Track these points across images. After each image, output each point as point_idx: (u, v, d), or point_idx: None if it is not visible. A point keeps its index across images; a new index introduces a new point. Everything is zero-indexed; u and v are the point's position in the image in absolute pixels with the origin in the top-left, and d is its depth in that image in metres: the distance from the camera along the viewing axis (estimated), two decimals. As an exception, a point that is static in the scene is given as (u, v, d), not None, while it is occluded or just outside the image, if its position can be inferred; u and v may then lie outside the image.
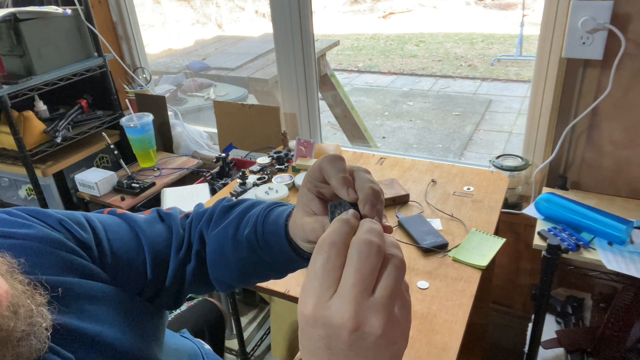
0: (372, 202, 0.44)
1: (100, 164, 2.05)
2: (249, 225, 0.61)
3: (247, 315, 2.01)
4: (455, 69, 5.95)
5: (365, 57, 6.77)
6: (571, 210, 1.23)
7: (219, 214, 0.66)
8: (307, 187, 0.52)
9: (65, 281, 0.52)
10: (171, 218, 0.69)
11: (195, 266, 0.66)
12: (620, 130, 1.32)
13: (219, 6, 7.00)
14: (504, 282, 1.69)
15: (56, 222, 0.57)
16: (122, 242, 0.62)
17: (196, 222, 0.68)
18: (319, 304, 0.35)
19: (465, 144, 4.15)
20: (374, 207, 0.44)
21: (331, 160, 0.48)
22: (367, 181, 0.46)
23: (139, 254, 0.63)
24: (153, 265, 0.63)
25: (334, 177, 0.47)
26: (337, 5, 9.00)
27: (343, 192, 0.46)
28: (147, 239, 0.64)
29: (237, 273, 0.63)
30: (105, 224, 0.63)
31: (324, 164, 0.49)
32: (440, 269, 1.08)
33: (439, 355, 0.87)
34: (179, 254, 0.66)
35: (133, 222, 0.65)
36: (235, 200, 0.69)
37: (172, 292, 0.67)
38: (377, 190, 0.46)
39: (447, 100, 5.05)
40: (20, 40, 1.64)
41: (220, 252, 0.64)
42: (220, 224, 0.65)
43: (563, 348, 1.35)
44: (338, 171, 0.47)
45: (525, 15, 6.51)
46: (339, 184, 0.46)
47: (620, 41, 1.20)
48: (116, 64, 2.05)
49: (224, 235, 0.63)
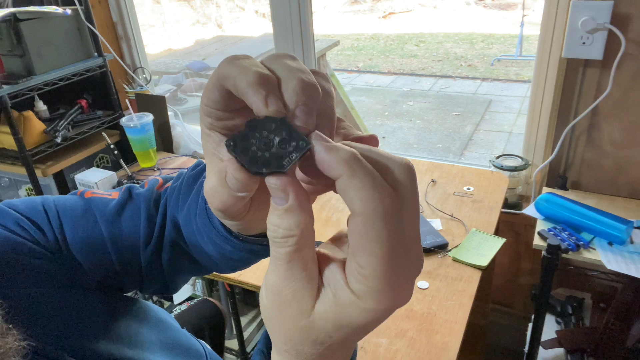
0: (306, 106, 0.27)
1: (100, 164, 2.05)
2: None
3: (247, 315, 2.01)
4: (455, 69, 5.95)
5: (365, 57, 6.77)
6: (571, 210, 1.23)
7: (184, 187, 0.51)
8: (207, 124, 0.32)
9: (24, 293, 0.46)
10: (141, 199, 0.55)
11: (172, 256, 0.54)
12: (620, 130, 1.32)
13: (219, 6, 7.00)
14: (504, 282, 1.69)
15: (14, 223, 0.50)
16: (82, 242, 0.53)
17: (169, 201, 0.53)
18: None
19: (465, 144, 4.15)
20: (310, 113, 0.27)
21: (232, 59, 0.29)
22: (292, 72, 0.28)
23: (103, 254, 0.54)
24: (122, 266, 0.54)
25: (242, 81, 0.27)
26: (337, 5, 9.00)
27: (259, 99, 0.27)
28: (112, 237, 0.53)
29: (223, 265, 0.50)
30: (64, 216, 0.53)
31: (222, 69, 0.29)
32: (440, 269, 1.08)
33: (439, 355, 0.87)
34: (148, 247, 0.54)
35: (99, 212, 0.54)
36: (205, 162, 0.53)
37: (155, 285, 0.58)
38: (311, 83, 0.28)
39: (447, 100, 5.06)
40: (20, 40, 1.64)
41: (193, 241, 0.50)
42: (186, 201, 0.50)
43: (563, 348, 1.35)
44: (245, 70, 0.27)
45: (525, 15, 6.51)
46: (251, 87, 0.27)
47: (620, 41, 1.20)
48: (116, 64, 2.05)
49: (188, 219, 0.49)
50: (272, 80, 0.28)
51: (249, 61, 0.29)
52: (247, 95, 0.27)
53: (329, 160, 0.25)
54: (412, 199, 0.27)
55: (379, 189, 0.25)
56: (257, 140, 0.27)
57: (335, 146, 0.26)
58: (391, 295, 0.26)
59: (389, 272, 0.25)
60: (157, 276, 0.56)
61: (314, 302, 0.28)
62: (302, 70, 0.28)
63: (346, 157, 0.25)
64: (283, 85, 0.28)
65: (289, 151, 0.26)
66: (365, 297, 0.26)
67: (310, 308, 0.28)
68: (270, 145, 0.27)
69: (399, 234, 0.26)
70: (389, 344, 0.90)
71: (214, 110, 0.31)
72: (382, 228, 0.25)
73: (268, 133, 0.27)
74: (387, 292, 0.26)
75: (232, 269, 0.51)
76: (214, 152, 0.32)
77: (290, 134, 0.26)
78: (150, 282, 0.57)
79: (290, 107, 0.27)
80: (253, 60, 0.29)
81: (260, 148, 0.27)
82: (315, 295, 0.28)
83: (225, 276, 1.11)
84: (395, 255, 0.25)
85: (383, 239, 0.25)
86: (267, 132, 0.27)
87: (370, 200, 0.25)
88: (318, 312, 0.28)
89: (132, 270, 0.55)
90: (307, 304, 0.28)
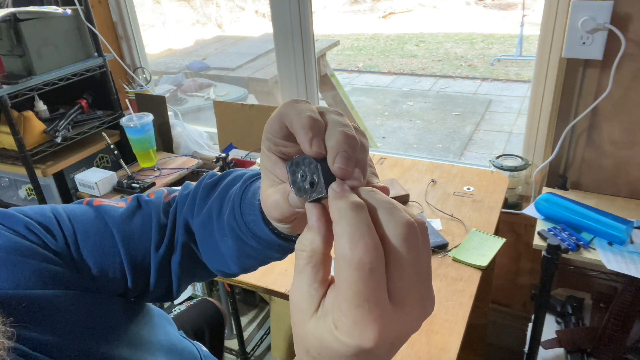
0: (345, 154, 0.31)
1: (100, 164, 2.05)
2: (229, 205, 0.50)
3: (247, 315, 2.01)
4: (455, 69, 5.95)
5: (365, 57, 6.77)
6: (571, 210, 1.23)
7: (201, 194, 0.56)
8: (266, 146, 0.38)
9: (32, 294, 0.48)
10: (151, 206, 0.59)
11: (182, 260, 0.57)
12: (620, 130, 1.32)
13: (219, 6, 7.00)
14: (504, 282, 1.69)
15: (23, 228, 0.51)
16: (94, 245, 0.54)
17: (181, 208, 0.58)
18: None
19: (465, 144, 4.15)
20: (349, 160, 0.31)
21: (294, 102, 0.35)
22: (337, 124, 0.33)
23: (114, 257, 0.55)
24: (131, 269, 0.56)
25: (297, 121, 0.33)
26: (337, 5, 9.00)
27: (305, 141, 0.32)
28: (123, 239, 0.56)
29: (233, 263, 0.54)
30: (75, 222, 0.55)
31: (284, 109, 0.35)
32: (440, 269, 1.08)
33: (439, 355, 0.87)
34: (159, 251, 0.57)
35: (109, 217, 0.57)
36: (219, 174, 0.57)
37: (162, 288, 0.60)
38: (352, 135, 0.32)
39: (447, 100, 5.06)
40: (20, 40, 1.64)
41: (209, 242, 0.54)
42: (204, 207, 0.55)
43: (563, 348, 1.35)
44: (301, 113, 0.33)
45: (525, 15, 6.51)
46: (303, 129, 0.32)
47: (620, 41, 1.20)
48: (116, 64, 2.05)
49: (208, 221, 0.53)
50: (320, 125, 0.33)
51: (306, 106, 0.34)
52: (298, 135, 0.33)
53: (330, 205, 0.31)
54: (408, 255, 0.29)
55: (354, 240, 0.28)
56: (301, 171, 0.34)
57: (339, 195, 0.31)
58: (361, 336, 0.28)
59: (359, 314, 0.28)
60: (165, 280, 0.59)
61: (311, 316, 0.31)
62: (347, 125, 0.33)
63: (338, 206, 0.30)
64: (328, 132, 0.33)
65: (315, 190, 0.33)
66: (339, 328, 0.29)
67: (307, 320, 0.31)
68: (306, 177, 0.34)
69: (376, 284, 0.28)
70: (389, 344, 0.90)
71: (273, 137, 0.37)
72: (350, 275, 0.28)
73: (307, 168, 0.33)
74: (355, 331, 0.28)
75: (243, 268, 0.55)
76: (270, 170, 0.39)
77: (319, 177, 0.32)
78: (156, 286, 0.59)
79: (331, 153, 0.32)
80: (309, 106, 0.35)
81: (302, 177, 0.34)
82: (314, 311, 0.31)
83: (225, 276, 1.11)
84: (369, 303, 0.28)
85: (351, 285, 0.28)
86: (307, 167, 0.33)
87: (343, 247, 0.28)
88: (310, 327, 0.31)
89: (141, 274, 0.57)
90: (305, 316, 0.31)
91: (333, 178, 0.32)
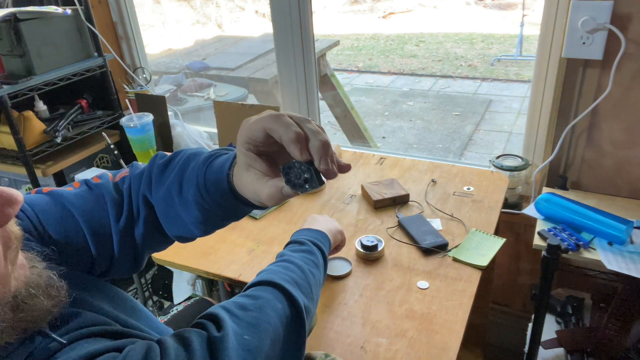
0: (325, 158, 0.46)
1: (100, 164, 2.05)
2: (192, 185, 0.59)
3: (247, 315, 2.00)
4: (455, 69, 5.95)
5: (365, 57, 6.77)
6: (571, 210, 1.23)
7: (156, 173, 0.64)
8: (245, 148, 0.50)
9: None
10: (102, 187, 0.65)
11: (145, 231, 0.64)
12: (620, 130, 1.32)
13: (219, 6, 7.00)
14: (504, 282, 1.69)
15: None
16: (56, 222, 0.59)
17: (136, 185, 0.65)
18: None
19: (465, 144, 4.15)
20: (329, 162, 0.46)
21: (276, 118, 0.47)
22: (315, 134, 0.46)
23: (77, 231, 0.60)
24: (94, 239, 0.61)
25: (286, 136, 0.46)
26: (337, 5, 9.00)
27: (296, 152, 0.46)
28: (81, 214, 0.61)
29: (196, 229, 0.62)
30: (34, 205, 0.59)
31: (269, 124, 0.47)
32: (440, 269, 1.08)
33: (439, 355, 0.87)
34: (119, 223, 0.63)
35: (63, 198, 0.62)
36: (169, 155, 0.67)
37: (127, 260, 0.66)
38: (326, 141, 0.46)
39: (447, 100, 5.05)
40: (20, 40, 1.64)
41: (172, 214, 0.63)
42: (161, 184, 0.63)
43: (563, 348, 1.35)
44: (288, 128, 0.46)
45: (525, 15, 6.51)
46: (293, 143, 0.46)
47: (620, 41, 1.20)
48: (116, 64, 2.05)
49: (168, 197, 0.62)
50: (304, 137, 0.46)
51: (288, 120, 0.47)
52: (289, 147, 0.46)
53: None
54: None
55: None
56: (294, 172, 0.48)
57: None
58: None
59: None
60: (128, 251, 0.65)
61: None
62: (320, 132, 0.47)
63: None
64: (311, 142, 0.47)
65: (310, 184, 0.48)
66: None
67: None
68: (300, 176, 0.48)
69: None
70: (389, 344, 0.90)
71: (255, 143, 0.50)
72: None
73: (299, 169, 0.48)
74: None
75: (204, 232, 0.64)
76: (251, 165, 0.51)
77: (312, 175, 0.48)
78: (120, 255, 0.64)
79: (316, 157, 0.46)
80: (290, 120, 0.47)
81: (296, 176, 0.48)
82: None
83: (225, 276, 1.11)
84: None
85: None
86: (299, 169, 0.48)
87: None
88: None
89: (103, 243, 0.62)
90: None
91: (319, 173, 0.47)
